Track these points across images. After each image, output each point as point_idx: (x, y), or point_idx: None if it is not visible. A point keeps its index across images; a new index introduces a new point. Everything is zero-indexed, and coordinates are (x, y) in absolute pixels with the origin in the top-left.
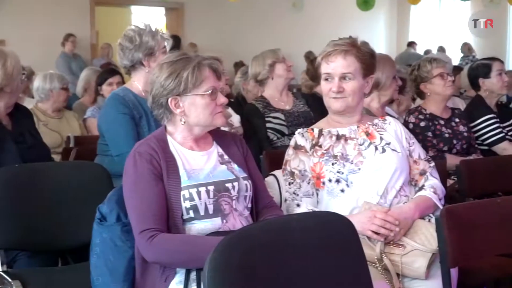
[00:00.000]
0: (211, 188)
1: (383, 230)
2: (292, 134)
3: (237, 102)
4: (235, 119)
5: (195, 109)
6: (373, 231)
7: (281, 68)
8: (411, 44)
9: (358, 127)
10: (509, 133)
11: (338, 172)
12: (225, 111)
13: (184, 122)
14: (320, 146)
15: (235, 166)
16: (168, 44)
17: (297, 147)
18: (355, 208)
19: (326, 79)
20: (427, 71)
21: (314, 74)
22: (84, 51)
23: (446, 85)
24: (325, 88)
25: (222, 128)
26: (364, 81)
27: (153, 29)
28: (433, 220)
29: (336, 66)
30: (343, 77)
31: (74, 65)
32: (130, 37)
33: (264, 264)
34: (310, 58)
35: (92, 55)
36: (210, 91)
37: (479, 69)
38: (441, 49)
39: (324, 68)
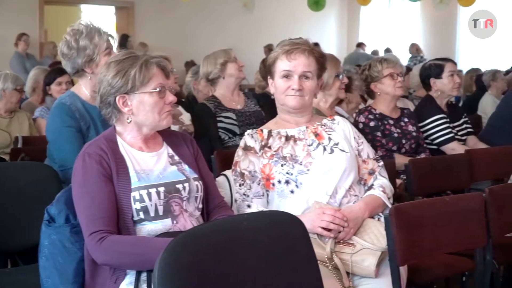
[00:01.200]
0: (161, 189)
1: (333, 225)
2: (243, 133)
3: (188, 102)
4: (186, 117)
5: (143, 108)
6: (323, 228)
7: (232, 67)
8: (360, 45)
9: (307, 127)
10: (459, 133)
11: (287, 173)
12: (176, 109)
13: (131, 121)
14: (270, 147)
15: (185, 166)
16: (112, 41)
17: (246, 148)
18: (306, 208)
19: (285, 76)
20: (377, 71)
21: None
22: (34, 50)
23: (396, 85)
24: (282, 85)
25: (173, 127)
26: (317, 81)
27: (91, 29)
28: (382, 219)
29: (298, 64)
30: (303, 76)
31: (28, 65)
32: (68, 43)
33: (214, 264)
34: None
35: (40, 55)
36: (158, 89)
37: (431, 69)
38: (388, 50)
39: (284, 65)
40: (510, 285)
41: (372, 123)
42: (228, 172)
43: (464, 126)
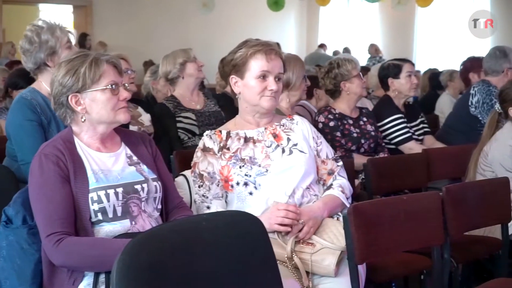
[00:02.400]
0: (119, 190)
1: (287, 220)
2: (203, 134)
3: (147, 102)
4: (145, 118)
5: (96, 105)
6: (279, 224)
7: (192, 67)
8: (322, 46)
9: (265, 128)
10: (416, 133)
11: (246, 175)
12: (135, 110)
13: (85, 120)
14: (228, 149)
15: (144, 167)
16: (72, 38)
17: (205, 150)
18: (265, 209)
19: (262, 76)
20: (347, 70)
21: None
22: None
23: (363, 85)
24: (259, 85)
25: (132, 127)
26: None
27: (52, 25)
28: (341, 218)
29: (275, 65)
30: (277, 77)
31: None
32: (29, 38)
33: (173, 265)
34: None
35: None
36: (110, 86)
37: (389, 69)
38: (346, 50)
39: (262, 65)
40: (469, 283)
41: (331, 123)
42: (187, 173)
43: (421, 126)
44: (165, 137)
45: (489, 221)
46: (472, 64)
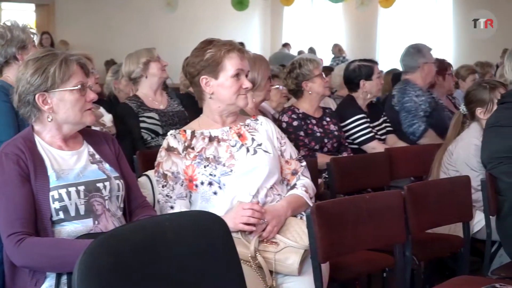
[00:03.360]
0: (81, 188)
1: (253, 219)
2: (166, 134)
3: (109, 101)
4: (107, 118)
5: (64, 105)
6: (244, 223)
7: (155, 67)
8: (286, 45)
9: (230, 128)
10: (379, 133)
11: (210, 174)
12: (97, 110)
13: (51, 120)
14: (193, 148)
15: (106, 165)
16: (36, 39)
17: (169, 149)
18: (229, 209)
19: (237, 75)
20: (309, 70)
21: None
22: None
23: (325, 85)
24: (235, 84)
25: (94, 128)
26: None
27: (23, 24)
28: (305, 217)
29: (247, 64)
30: (247, 75)
31: None
32: (1, 34)
33: (136, 266)
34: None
35: None
36: (79, 87)
37: (361, 70)
38: (311, 50)
39: (237, 64)
40: (431, 281)
41: (295, 123)
42: (150, 173)
43: (384, 125)
44: (128, 137)
45: (451, 219)
46: (438, 66)
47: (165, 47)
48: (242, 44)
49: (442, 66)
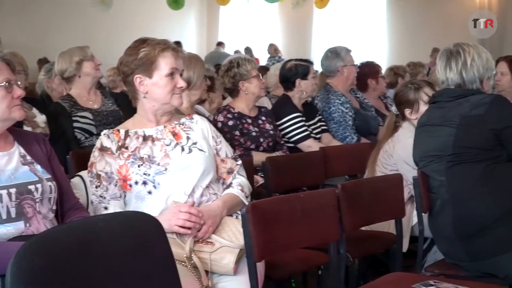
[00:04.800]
0: (12, 190)
1: (189, 223)
2: (100, 133)
3: (42, 101)
4: (40, 119)
5: None
6: (179, 226)
7: (89, 66)
8: (220, 44)
9: (165, 127)
10: (314, 131)
11: (144, 174)
12: (30, 111)
13: None
14: (127, 148)
15: (38, 167)
16: None
17: (103, 149)
18: (164, 208)
19: (171, 74)
20: (247, 70)
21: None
22: None
23: (261, 86)
24: (170, 83)
25: (26, 129)
26: None
27: None
28: (240, 216)
29: (181, 63)
30: (181, 75)
31: None
32: None
33: (68, 267)
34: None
35: None
36: (5, 84)
37: (298, 70)
38: (248, 50)
39: (171, 63)
40: (365, 277)
41: (230, 122)
42: (83, 173)
43: (319, 124)
44: (62, 137)
45: (384, 217)
46: (370, 70)
47: (100, 45)
48: (178, 43)
49: (374, 69)
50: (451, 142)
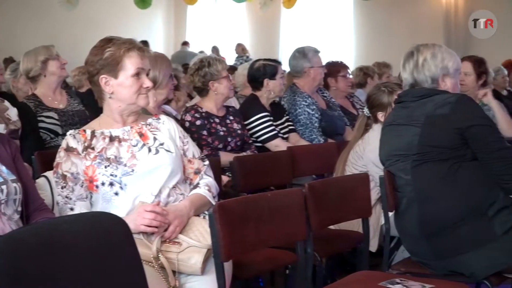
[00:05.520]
0: None
1: (155, 222)
2: (66, 134)
3: (7, 100)
4: (12, 112)
5: None
6: (146, 225)
7: (54, 65)
8: (185, 44)
9: (131, 127)
10: (282, 131)
11: (111, 175)
12: (1, 104)
13: None
14: (93, 149)
15: (3, 168)
16: None
17: (68, 149)
18: (131, 209)
19: (137, 74)
20: (217, 70)
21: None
22: None
23: (230, 87)
24: (136, 84)
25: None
26: None
27: None
28: (207, 217)
29: (147, 63)
30: (147, 74)
31: None
32: None
33: (33, 269)
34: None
35: None
36: None
37: (266, 69)
38: (215, 49)
39: (137, 63)
40: (332, 276)
41: (198, 122)
42: (49, 174)
43: (287, 124)
44: (27, 137)
45: (351, 216)
46: (330, 69)
47: (66, 45)
48: (145, 42)
49: (334, 69)
50: (416, 141)
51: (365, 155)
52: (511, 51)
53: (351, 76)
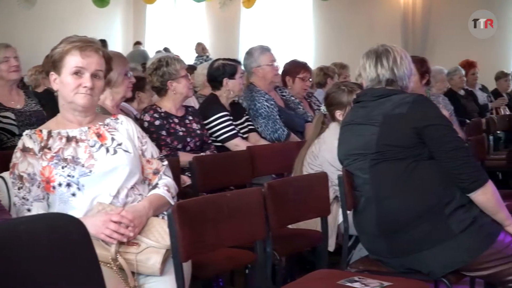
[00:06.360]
0: None
1: (117, 235)
2: (23, 134)
3: None
4: None
5: None
6: (106, 235)
7: (3, 68)
8: (138, 43)
9: (89, 128)
10: (241, 131)
11: (68, 175)
12: None
13: None
14: (50, 149)
15: None
16: None
17: (25, 150)
18: (89, 210)
19: (76, 73)
20: (176, 69)
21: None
22: None
23: (189, 86)
24: (73, 82)
25: None
26: (104, 82)
27: None
28: (166, 217)
29: (92, 62)
30: (95, 75)
31: None
32: None
33: None
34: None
35: None
36: None
37: (225, 69)
38: (166, 50)
39: (76, 61)
40: (292, 275)
41: (157, 122)
42: (5, 174)
43: (246, 124)
44: None
45: (310, 215)
46: (290, 68)
47: (24, 44)
48: (103, 41)
49: (293, 69)
50: (374, 140)
51: (320, 155)
52: (468, 51)
53: (311, 80)
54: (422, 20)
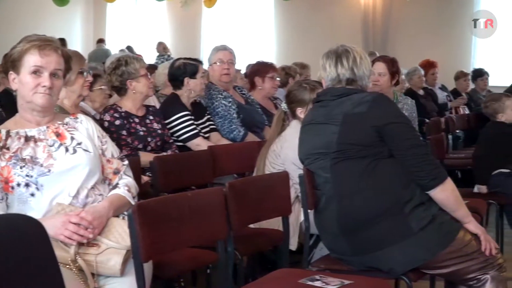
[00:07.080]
0: None
1: (76, 236)
2: None
3: None
4: None
5: None
6: (66, 236)
7: None
8: (101, 41)
9: (48, 127)
10: (203, 131)
11: (27, 175)
12: None
13: None
14: (8, 149)
15: None
16: None
17: None
18: (48, 211)
19: (34, 72)
20: (135, 68)
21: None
22: None
23: (149, 85)
24: (32, 81)
25: None
26: (63, 81)
27: None
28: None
29: (50, 61)
30: (54, 74)
31: None
32: None
33: None
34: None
35: None
36: None
37: (186, 68)
38: (129, 49)
39: (34, 60)
40: (254, 274)
41: (117, 122)
42: None
43: (208, 123)
44: None
45: (271, 214)
46: (259, 69)
47: None
48: (63, 40)
49: (263, 69)
50: (335, 139)
51: (282, 153)
52: (426, 51)
53: (278, 79)
54: (383, 21)
